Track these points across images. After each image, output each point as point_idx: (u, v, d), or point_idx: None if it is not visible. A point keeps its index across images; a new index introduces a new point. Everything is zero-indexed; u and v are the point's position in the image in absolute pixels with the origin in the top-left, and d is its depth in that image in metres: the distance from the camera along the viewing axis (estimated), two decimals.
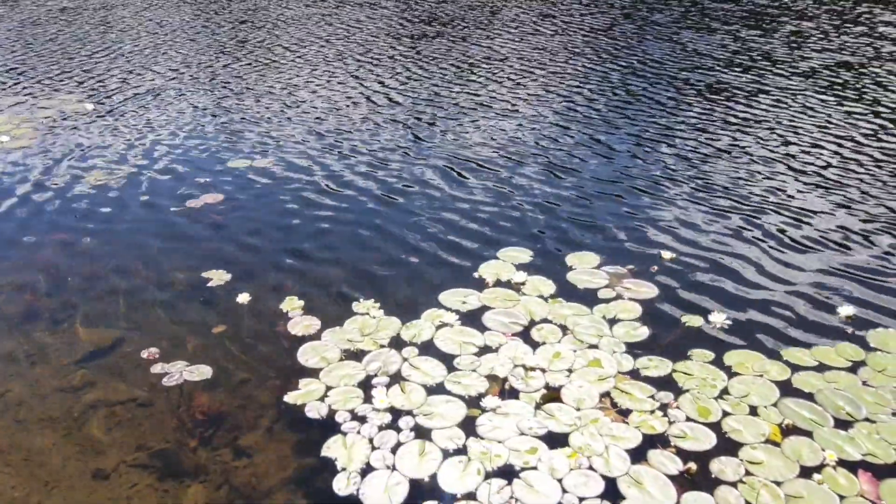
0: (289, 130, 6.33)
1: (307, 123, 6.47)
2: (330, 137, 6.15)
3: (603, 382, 3.10)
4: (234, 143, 6.05)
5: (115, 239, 4.45)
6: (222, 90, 7.47)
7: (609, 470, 2.65)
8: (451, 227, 4.57)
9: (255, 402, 3.05)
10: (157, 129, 6.39)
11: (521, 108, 6.80)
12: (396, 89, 7.35)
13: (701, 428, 2.86)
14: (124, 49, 9.06)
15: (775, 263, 4.13)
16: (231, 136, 6.21)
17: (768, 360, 3.25)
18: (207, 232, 4.52)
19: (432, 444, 2.78)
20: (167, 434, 2.88)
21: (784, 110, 6.51)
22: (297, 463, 2.74)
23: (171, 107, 6.96)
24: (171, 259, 4.21)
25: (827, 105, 6.61)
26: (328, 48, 8.95)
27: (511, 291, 3.79)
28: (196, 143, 6.06)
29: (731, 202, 4.92)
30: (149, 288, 3.91)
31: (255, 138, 6.15)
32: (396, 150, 5.88)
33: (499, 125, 6.40)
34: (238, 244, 4.37)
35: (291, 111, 6.80)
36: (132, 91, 7.40)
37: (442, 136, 6.18)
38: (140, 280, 3.99)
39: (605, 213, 4.77)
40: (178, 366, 3.23)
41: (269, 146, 5.99)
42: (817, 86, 7.07)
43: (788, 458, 2.71)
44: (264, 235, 4.48)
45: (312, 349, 3.34)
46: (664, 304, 3.71)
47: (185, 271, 4.06)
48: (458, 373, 3.18)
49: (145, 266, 4.14)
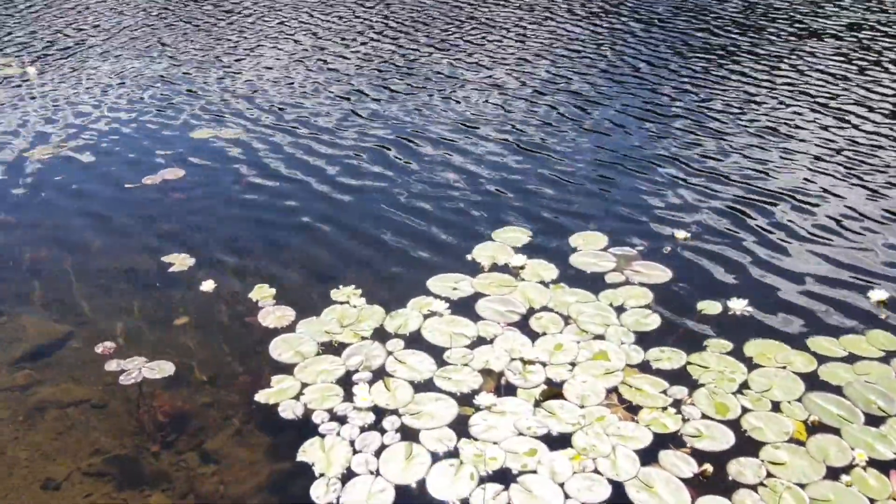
0: (259, 100, 6.27)
1: (280, 93, 6.41)
2: (306, 107, 6.10)
3: (609, 377, 3.11)
4: (198, 112, 6.00)
5: (65, 221, 4.42)
6: (185, 55, 7.39)
7: (616, 473, 2.67)
8: (442, 205, 4.57)
9: (222, 401, 3.05)
10: (111, 98, 6.32)
11: (517, 76, 6.77)
12: (378, 58, 7.29)
13: (718, 426, 2.87)
14: (77, 6, 8.93)
15: (801, 243, 4.14)
16: (194, 104, 6.15)
17: (792, 351, 3.26)
18: (167, 211, 4.49)
19: (420, 446, 2.79)
20: (125, 438, 2.87)
21: (811, 80, 6.50)
22: (271, 468, 2.74)
23: (129, 73, 6.88)
24: (128, 242, 4.18)
25: (853, 76, 6.60)
26: (298, 18, 8.85)
27: (508, 276, 3.78)
28: (155, 112, 6.01)
29: (752, 177, 4.92)
30: (102, 275, 3.89)
31: (221, 106, 6.09)
32: (380, 120, 5.85)
33: (492, 95, 6.37)
34: (202, 225, 4.35)
35: (262, 79, 6.73)
36: (84, 55, 7.31)
37: (429, 106, 6.14)
38: (93, 266, 3.96)
39: (614, 189, 4.76)
40: (136, 362, 3.21)
41: (236, 115, 5.94)
42: (843, 53, 7.05)
43: (814, 459, 2.73)
44: (231, 215, 4.46)
45: (286, 342, 3.33)
46: (678, 290, 3.71)
47: (143, 256, 4.03)
48: (449, 367, 3.18)
49: (98, 251, 4.11)
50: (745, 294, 3.62)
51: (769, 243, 4.13)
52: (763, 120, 5.69)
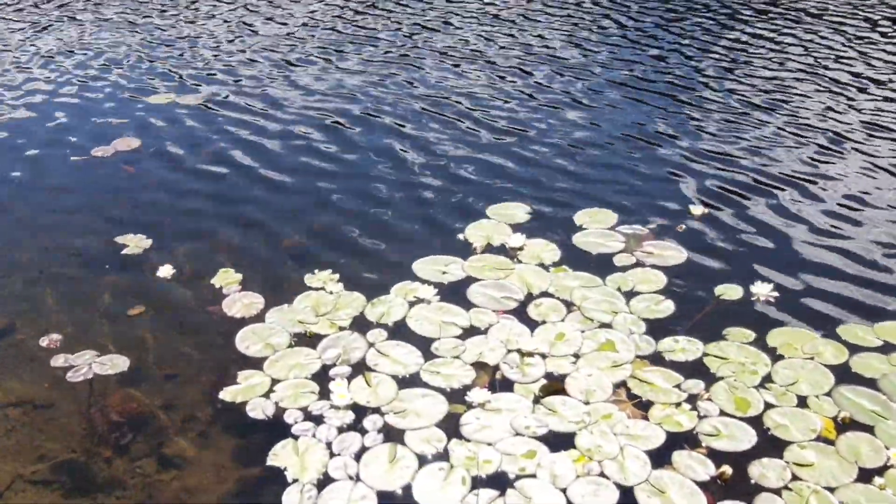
0: (226, 60, 6.22)
1: (248, 58, 6.36)
2: (278, 69, 6.06)
3: (617, 370, 3.11)
4: (156, 75, 5.95)
5: (1, 198, 4.38)
6: (143, 18, 7.31)
7: (625, 477, 2.67)
8: (430, 179, 4.55)
9: (183, 400, 3.04)
10: (54, 57, 6.26)
11: (515, 36, 6.73)
12: (362, 28, 7.23)
13: (738, 424, 2.88)
14: None
15: (831, 221, 4.15)
16: (152, 66, 6.10)
17: (821, 340, 3.27)
18: (120, 187, 4.46)
19: (405, 448, 2.78)
20: (74, 441, 2.86)
21: (842, 37, 6.49)
22: (238, 474, 2.74)
23: (76, 29, 6.80)
24: (74, 222, 4.15)
25: (876, 48, 6.60)
26: None
27: (504, 259, 3.78)
28: (107, 75, 5.96)
29: (775, 146, 4.92)
30: (47, 259, 3.86)
31: (181, 69, 6.04)
32: (363, 88, 5.81)
33: (486, 65, 6.34)
34: (159, 202, 4.32)
35: (230, 37, 6.68)
36: (25, 4, 7.22)
37: (417, 77, 6.11)
38: (35, 249, 3.94)
39: (622, 160, 4.77)
40: (85, 357, 3.20)
41: (198, 79, 5.90)
42: (870, 20, 7.04)
43: (844, 459, 2.74)
44: (192, 191, 4.43)
45: (254, 334, 3.32)
46: (694, 273, 3.71)
47: (93, 237, 4.01)
48: (438, 360, 3.18)
49: (42, 231, 4.08)
50: (770, 277, 3.62)
51: (797, 221, 4.13)
52: (790, 95, 5.68)
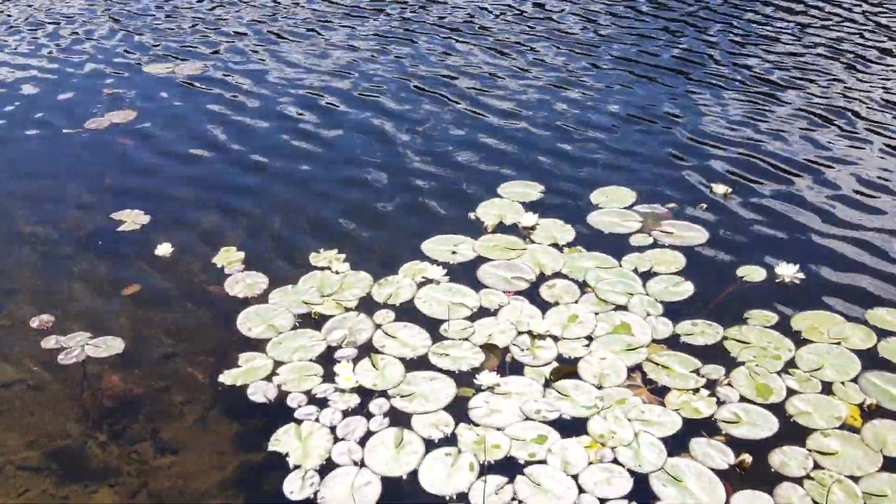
0: (225, 27, 6.20)
1: (249, 23, 6.34)
2: (281, 42, 6.03)
3: (632, 353, 3.11)
4: (153, 42, 5.93)
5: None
6: None
7: (639, 464, 2.67)
8: (440, 155, 4.53)
9: (181, 383, 3.05)
10: (45, 24, 6.25)
11: (518, 9, 6.68)
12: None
13: (759, 410, 2.87)
14: None
15: (861, 199, 4.11)
16: (149, 33, 6.09)
17: (848, 324, 3.25)
18: (116, 161, 4.47)
19: (412, 432, 2.79)
20: (67, 426, 2.88)
21: (867, 9, 6.41)
22: (238, 460, 2.75)
23: (72, 2, 6.79)
24: (67, 197, 4.16)
25: None
26: None
27: (516, 238, 3.77)
28: (101, 42, 5.95)
29: (803, 120, 4.88)
30: (37, 237, 3.86)
31: (179, 35, 6.03)
32: (367, 55, 5.78)
33: (496, 28, 6.29)
34: (157, 177, 4.32)
35: (229, 3, 6.65)
36: None
37: (427, 49, 6.06)
38: (26, 225, 3.94)
39: (640, 137, 4.74)
40: (78, 338, 3.21)
41: (198, 46, 5.88)
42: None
43: (869, 448, 2.73)
44: (192, 165, 4.43)
45: (257, 315, 3.33)
46: (715, 253, 3.70)
47: (87, 213, 4.01)
48: (446, 342, 3.18)
49: (33, 208, 4.09)
50: (795, 258, 3.60)
51: (825, 201, 4.10)
52: (812, 72, 5.62)
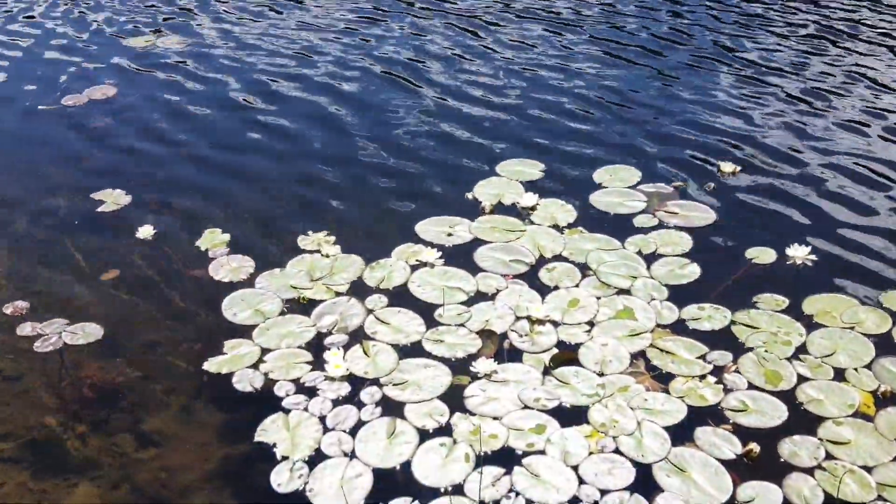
0: (209, 1, 6.16)
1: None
2: (266, 15, 6.00)
3: (636, 339, 3.11)
4: (133, 16, 5.90)
5: None
6: None
7: (642, 454, 2.68)
8: (435, 132, 4.52)
9: (164, 372, 3.05)
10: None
11: None
12: None
13: (767, 398, 2.88)
14: None
15: (875, 178, 4.11)
16: (128, 6, 6.05)
17: (862, 308, 3.25)
18: (95, 138, 4.45)
19: (405, 422, 2.80)
20: (44, 416, 2.88)
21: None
22: (223, 452, 2.75)
23: None
24: (44, 177, 4.14)
25: None
26: None
27: (514, 219, 3.77)
28: (79, 16, 5.91)
29: (814, 96, 4.87)
30: (12, 217, 3.85)
31: (160, 9, 5.99)
32: (362, 31, 5.76)
33: (494, 5, 6.26)
34: (138, 156, 4.31)
35: None
36: None
37: (422, 21, 6.03)
38: (0, 206, 3.94)
39: (645, 115, 4.72)
40: (55, 325, 3.20)
41: (179, 19, 5.85)
42: None
43: (883, 437, 2.74)
44: (174, 144, 4.42)
45: (243, 300, 3.32)
46: (723, 234, 3.70)
47: (65, 193, 4.00)
48: (441, 328, 3.18)
49: (6, 187, 4.08)
50: (808, 240, 3.60)
51: (835, 179, 4.10)
52: (824, 41, 5.61)
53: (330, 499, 2.55)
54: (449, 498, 2.52)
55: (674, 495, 2.54)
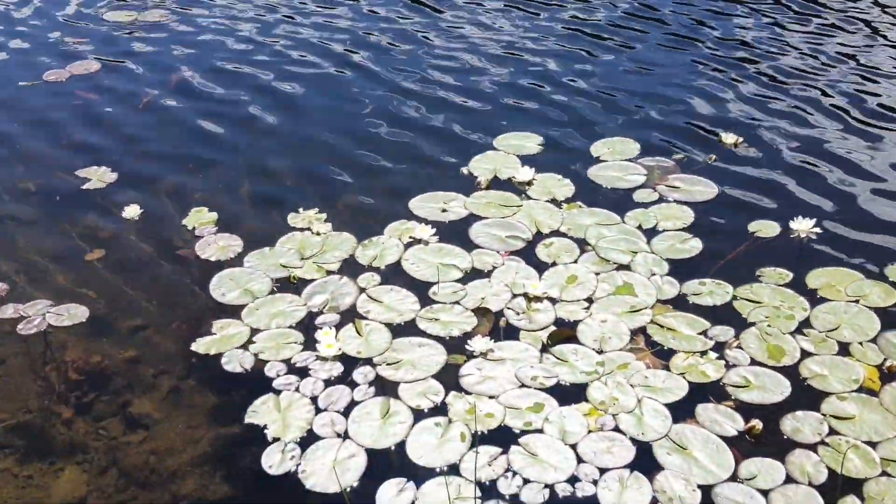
0: None
1: None
2: None
3: (636, 315, 3.11)
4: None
5: None
6: None
7: (642, 432, 2.69)
8: (428, 104, 4.50)
9: (151, 353, 3.05)
10: None
11: None
12: None
13: (770, 374, 2.89)
14: None
15: (880, 151, 4.10)
16: None
17: (867, 281, 3.26)
18: (78, 115, 4.42)
19: (399, 402, 2.80)
20: (28, 401, 2.88)
21: None
22: (213, 434, 2.76)
23: None
24: (26, 154, 4.12)
25: None
26: None
27: (511, 194, 3.76)
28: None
29: (819, 64, 4.86)
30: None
31: None
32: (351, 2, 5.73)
33: None
34: (123, 132, 4.28)
35: None
36: None
37: None
38: None
39: (645, 85, 4.71)
40: (38, 306, 3.19)
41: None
42: None
43: (888, 412, 2.75)
44: (161, 119, 4.39)
45: (231, 279, 3.32)
46: (725, 208, 3.69)
47: (48, 171, 3.98)
48: (436, 306, 3.18)
49: None
50: (811, 212, 3.60)
51: (840, 150, 4.10)
52: (831, 14, 5.60)
53: (323, 480, 2.56)
54: (445, 478, 2.53)
55: (674, 473, 2.56)
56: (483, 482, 2.54)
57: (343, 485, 2.53)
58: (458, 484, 2.52)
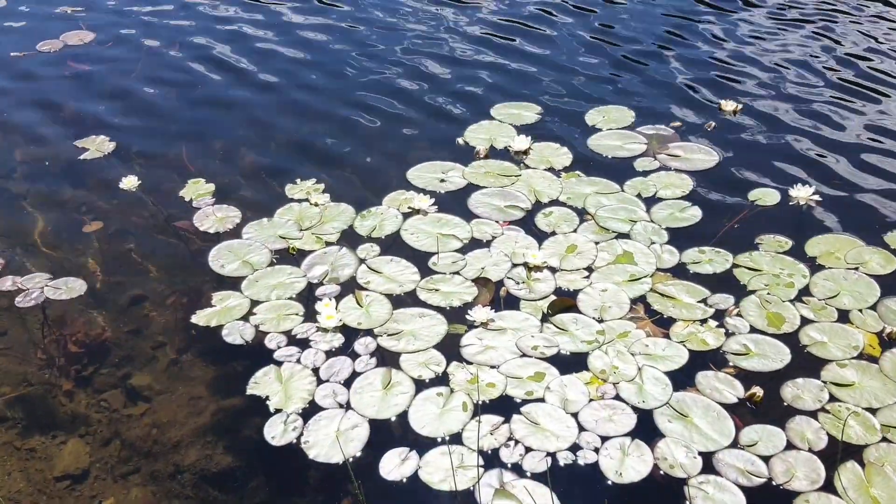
0: None
1: None
2: None
3: (635, 284, 3.12)
4: None
5: None
6: None
7: (643, 400, 2.70)
8: (425, 74, 4.48)
9: (151, 326, 3.05)
10: None
11: None
12: None
13: (770, 341, 2.90)
14: None
15: (880, 118, 4.09)
16: None
17: (867, 248, 3.27)
18: (72, 85, 4.40)
19: (400, 372, 2.81)
20: (29, 374, 2.88)
21: None
22: (215, 406, 2.76)
23: None
24: (21, 125, 4.09)
25: None
26: None
27: (509, 164, 3.75)
28: None
29: (818, 27, 4.83)
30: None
31: None
32: None
33: None
34: (118, 102, 4.26)
35: None
36: None
37: None
38: None
39: (642, 49, 4.68)
40: (36, 279, 3.19)
41: None
42: None
43: (889, 378, 2.76)
44: (156, 90, 4.37)
45: (230, 251, 3.31)
46: (725, 176, 3.69)
47: (44, 142, 3.96)
48: (436, 277, 3.18)
49: None
50: (811, 180, 3.60)
51: (839, 116, 4.09)
52: None
53: (326, 450, 2.57)
54: (447, 447, 2.54)
55: (676, 441, 2.57)
56: (485, 451, 2.55)
57: (346, 455, 2.54)
58: (460, 453, 2.53)
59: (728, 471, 2.48)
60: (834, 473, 2.46)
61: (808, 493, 2.42)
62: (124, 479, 2.55)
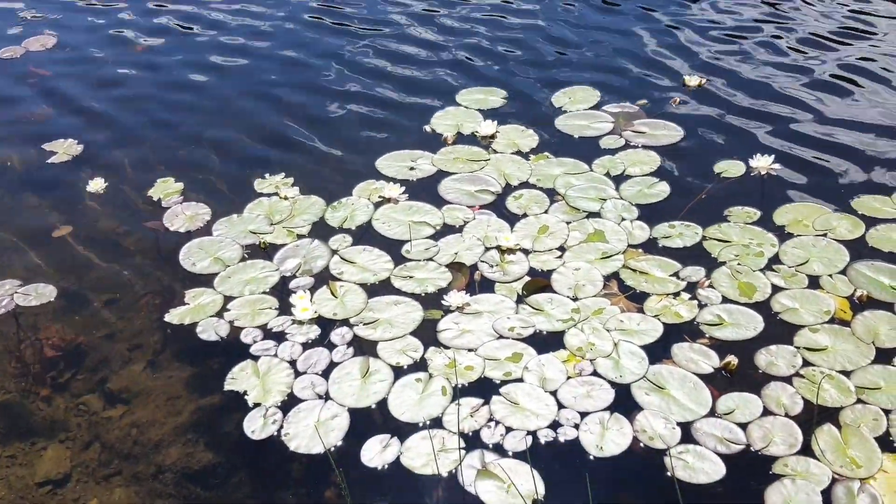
0: None
1: None
2: None
3: (608, 261, 3.13)
4: None
5: None
6: None
7: (620, 375, 2.71)
8: (390, 61, 4.47)
9: (125, 327, 3.02)
10: None
11: None
12: None
13: (743, 310, 2.92)
14: None
15: (840, 86, 4.13)
16: None
17: (834, 214, 3.30)
18: (35, 90, 4.35)
19: (378, 360, 2.81)
20: (4, 381, 2.85)
21: None
22: (194, 404, 2.75)
23: None
24: None
25: None
26: None
27: (477, 149, 3.75)
28: None
29: (779, 6, 4.86)
30: None
31: None
32: None
33: None
34: (82, 105, 4.21)
35: None
36: None
37: None
38: None
39: (603, 27, 4.70)
40: (6, 287, 3.15)
41: None
42: None
43: (861, 341, 2.79)
44: (120, 91, 4.32)
45: (201, 248, 3.29)
46: (690, 150, 3.72)
47: (11, 146, 3.91)
48: (409, 264, 3.17)
49: None
50: (775, 149, 3.62)
51: (803, 87, 4.13)
52: None
53: (307, 441, 2.56)
54: (428, 432, 2.54)
55: (654, 412, 2.59)
56: (466, 433, 2.55)
57: (327, 445, 2.53)
58: (441, 436, 2.53)
59: (707, 439, 2.50)
60: (811, 437, 2.48)
61: (786, 458, 2.44)
62: (106, 482, 2.54)
